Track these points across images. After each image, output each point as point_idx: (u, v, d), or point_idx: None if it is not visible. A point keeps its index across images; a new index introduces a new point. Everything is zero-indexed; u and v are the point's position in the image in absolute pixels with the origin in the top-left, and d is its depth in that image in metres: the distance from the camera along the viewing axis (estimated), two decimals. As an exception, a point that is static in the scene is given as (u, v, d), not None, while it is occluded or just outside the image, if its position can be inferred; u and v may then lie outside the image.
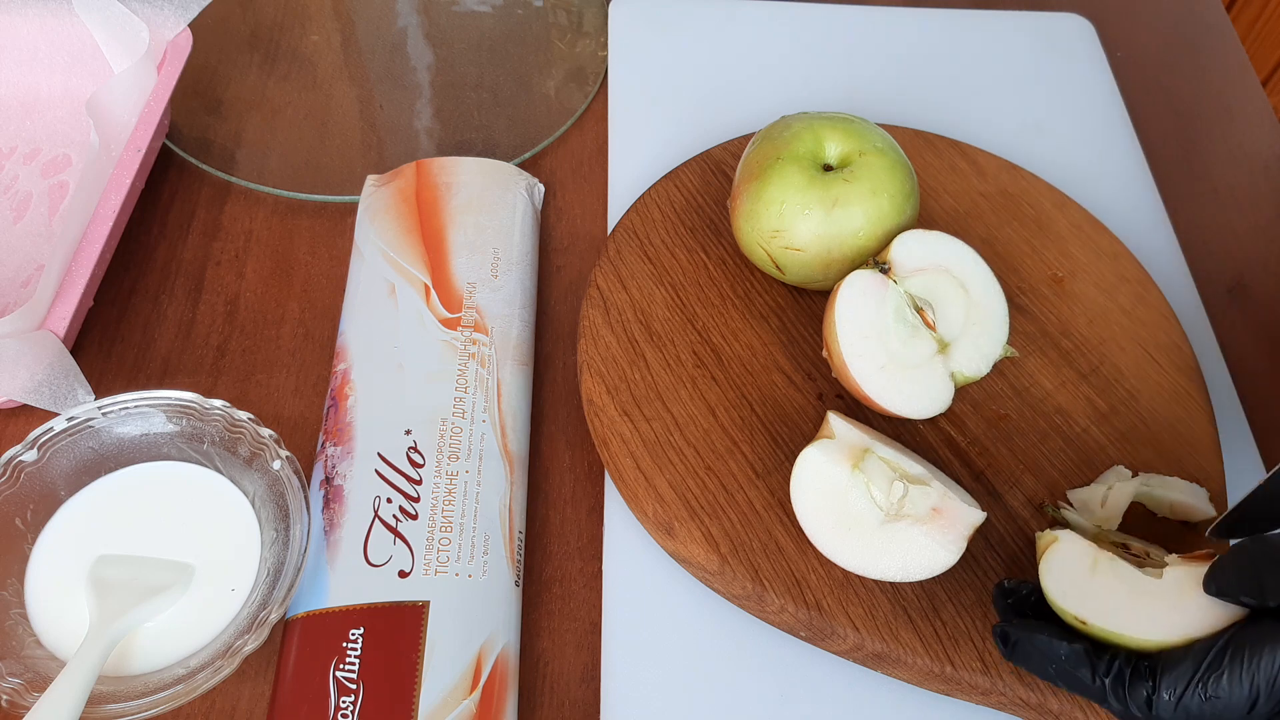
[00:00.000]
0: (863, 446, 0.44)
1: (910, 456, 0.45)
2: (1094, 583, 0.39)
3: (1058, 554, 0.40)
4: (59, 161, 0.59)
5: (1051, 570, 0.40)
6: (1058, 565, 0.40)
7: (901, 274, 0.48)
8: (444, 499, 0.45)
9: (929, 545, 0.42)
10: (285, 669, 0.41)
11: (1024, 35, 0.71)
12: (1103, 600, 0.38)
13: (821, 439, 0.44)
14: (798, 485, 0.43)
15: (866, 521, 0.42)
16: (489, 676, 0.41)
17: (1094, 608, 0.38)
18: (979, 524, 0.42)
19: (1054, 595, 0.39)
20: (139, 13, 0.57)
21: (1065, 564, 0.40)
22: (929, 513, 0.42)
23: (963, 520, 0.42)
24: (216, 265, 0.57)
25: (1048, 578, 0.40)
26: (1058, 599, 0.39)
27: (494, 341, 0.50)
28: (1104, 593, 0.38)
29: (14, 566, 0.43)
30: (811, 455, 0.43)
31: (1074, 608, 0.38)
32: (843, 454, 0.43)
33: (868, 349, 0.46)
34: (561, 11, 0.71)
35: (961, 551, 0.42)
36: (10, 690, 0.39)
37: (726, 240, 0.55)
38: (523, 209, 0.56)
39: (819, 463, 0.43)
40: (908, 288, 0.48)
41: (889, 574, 0.42)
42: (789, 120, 0.51)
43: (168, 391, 0.46)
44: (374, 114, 0.65)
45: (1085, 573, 0.39)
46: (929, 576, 0.42)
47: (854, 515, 0.43)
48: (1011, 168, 0.59)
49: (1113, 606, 0.38)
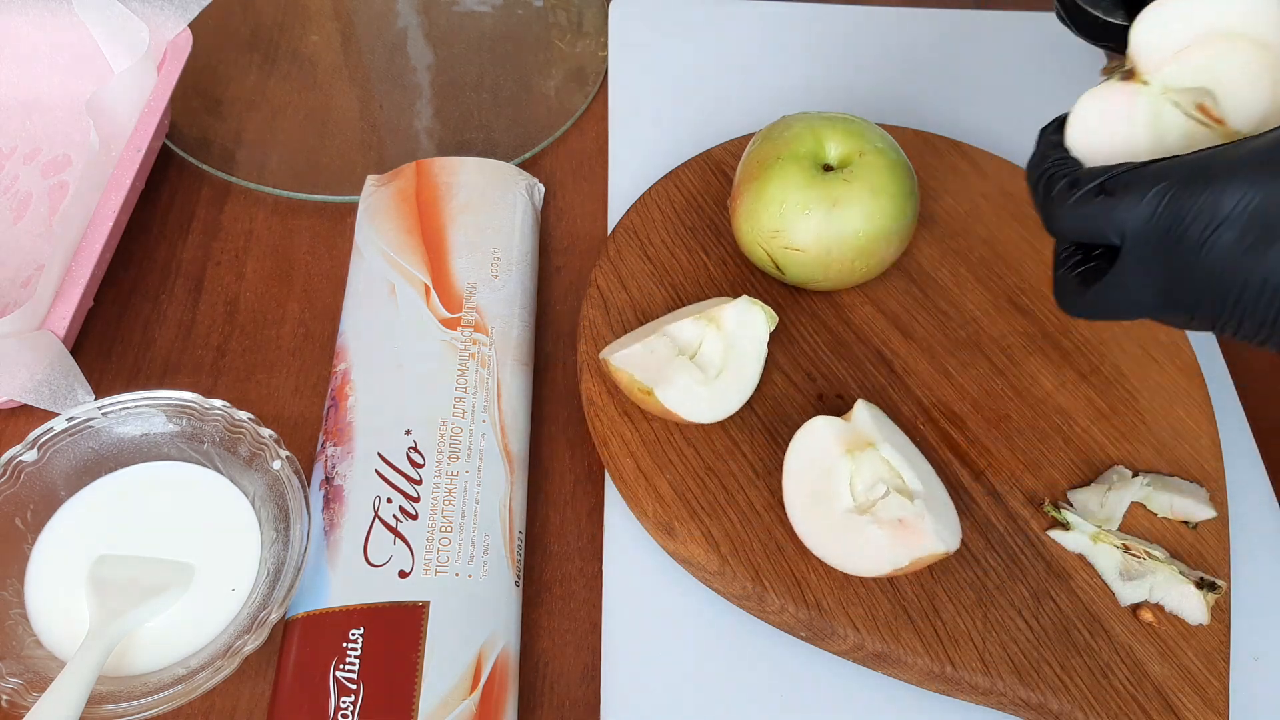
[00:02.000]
0: (869, 440, 0.44)
1: (920, 472, 0.44)
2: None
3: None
4: (59, 161, 0.59)
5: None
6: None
7: (1156, 69, 0.35)
8: (444, 499, 0.45)
9: (873, 550, 0.42)
10: (285, 669, 0.41)
11: (1024, 35, 0.71)
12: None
13: (836, 418, 0.45)
14: (793, 449, 0.44)
15: (835, 503, 0.43)
16: (489, 676, 0.41)
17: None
18: (938, 555, 0.41)
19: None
20: (139, 13, 0.57)
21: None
22: (894, 521, 0.42)
23: (919, 543, 0.41)
24: (216, 265, 0.57)
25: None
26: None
27: (494, 341, 0.50)
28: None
29: (14, 566, 0.43)
30: (816, 425, 0.44)
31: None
32: (847, 437, 0.44)
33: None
34: (561, 11, 0.71)
35: (898, 567, 0.41)
36: (10, 690, 0.39)
37: (726, 240, 0.55)
38: (523, 209, 0.56)
39: (820, 435, 0.44)
40: (1170, 80, 0.35)
41: (829, 557, 0.43)
42: (789, 120, 0.51)
43: (168, 391, 0.46)
44: (374, 114, 0.65)
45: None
46: (859, 574, 0.43)
47: (827, 493, 0.43)
48: (1011, 168, 0.59)
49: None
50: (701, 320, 0.47)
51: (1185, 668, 0.42)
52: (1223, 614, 0.44)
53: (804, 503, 0.44)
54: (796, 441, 0.44)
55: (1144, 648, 0.43)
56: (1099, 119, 0.36)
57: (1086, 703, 0.41)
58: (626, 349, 0.46)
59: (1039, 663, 0.42)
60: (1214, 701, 0.42)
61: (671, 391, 0.45)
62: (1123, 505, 0.46)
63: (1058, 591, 0.44)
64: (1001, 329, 0.52)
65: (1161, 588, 0.44)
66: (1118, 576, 0.44)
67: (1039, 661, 0.42)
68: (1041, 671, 0.42)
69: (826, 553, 0.43)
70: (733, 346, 0.47)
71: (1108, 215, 0.33)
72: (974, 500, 0.47)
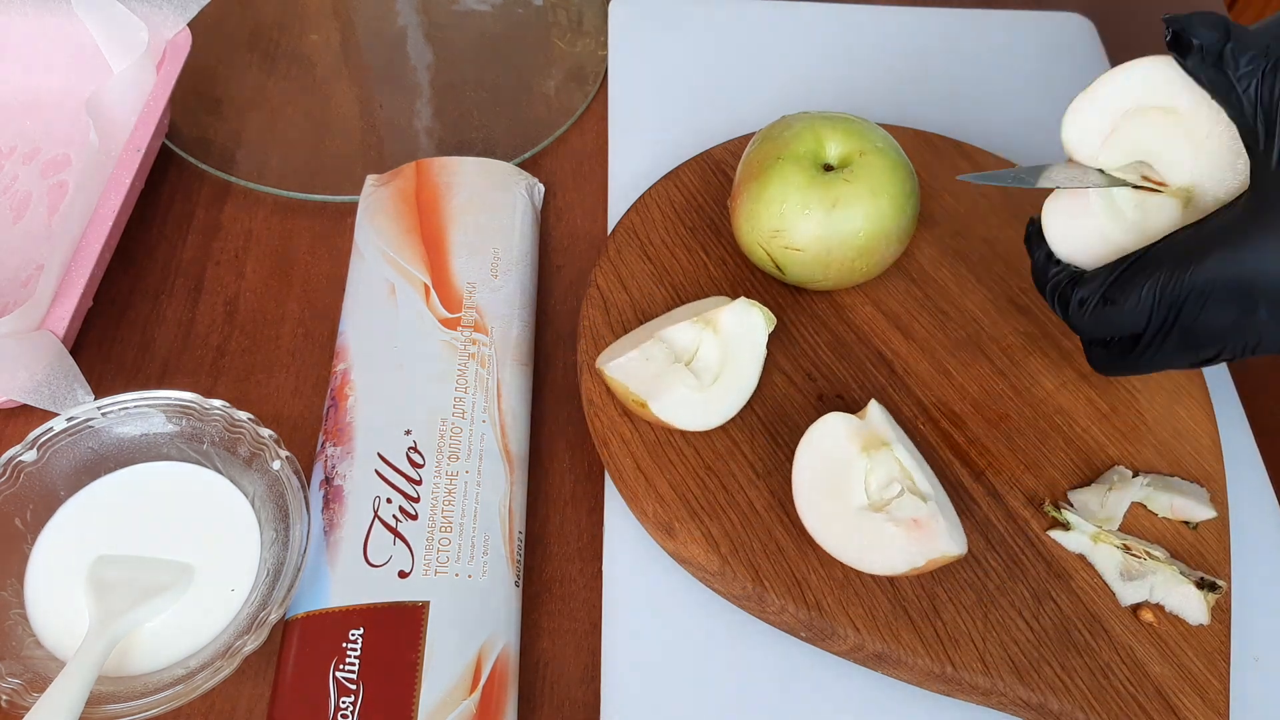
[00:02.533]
0: (883, 440, 0.44)
1: (928, 475, 0.44)
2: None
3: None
4: (59, 161, 0.59)
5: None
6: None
7: (1093, 159, 0.43)
8: (444, 499, 0.45)
9: (889, 546, 0.42)
10: (285, 669, 0.41)
11: (1024, 35, 0.71)
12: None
13: (852, 415, 0.45)
14: (806, 443, 0.44)
15: (850, 501, 0.43)
16: (489, 677, 0.41)
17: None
18: (951, 557, 0.42)
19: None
20: (138, 12, 0.57)
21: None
22: (909, 521, 0.42)
23: (934, 544, 0.42)
24: (216, 265, 0.57)
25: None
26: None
27: (494, 341, 0.50)
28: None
29: (14, 566, 0.43)
30: (833, 421, 0.44)
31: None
32: (862, 435, 0.44)
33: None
34: (561, 11, 0.71)
35: (914, 567, 0.41)
36: (10, 690, 0.39)
37: (726, 240, 0.55)
38: (523, 209, 0.56)
39: (836, 430, 0.44)
40: (1108, 164, 0.43)
41: (843, 554, 0.43)
42: (789, 120, 0.51)
43: (167, 391, 0.46)
44: (374, 114, 0.65)
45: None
46: (874, 572, 0.43)
47: (841, 490, 0.43)
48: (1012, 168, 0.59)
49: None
50: (699, 323, 0.47)
51: (1186, 668, 0.42)
52: (1223, 614, 0.44)
53: (816, 498, 0.43)
54: (811, 436, 0.44)
55: (1144, 648, 0.43)
56: (1066, 225, 0.43)
57: (1087, 703, 0.41)
58: (622, 357, 0.46)
59: (1039, 663, 0.42)
60: (1214, 702, 0.42)
61: (666, 403, 0.45)
62: (1123, 505, 0.46)
63: (1058, 592, 0.44)
64: (1001, 329, 0.52)
65: (1162, 588, 0.44)
66: (1118, 577, 0.44)
67: (1039, 661, 0.42)
68: (1041, 671, 0.42)
69: (839, 548, 0.43)
70: (730, 350, 0.47)
71: (1119, 320, 0.41)
72: (974, 500, 0.47)
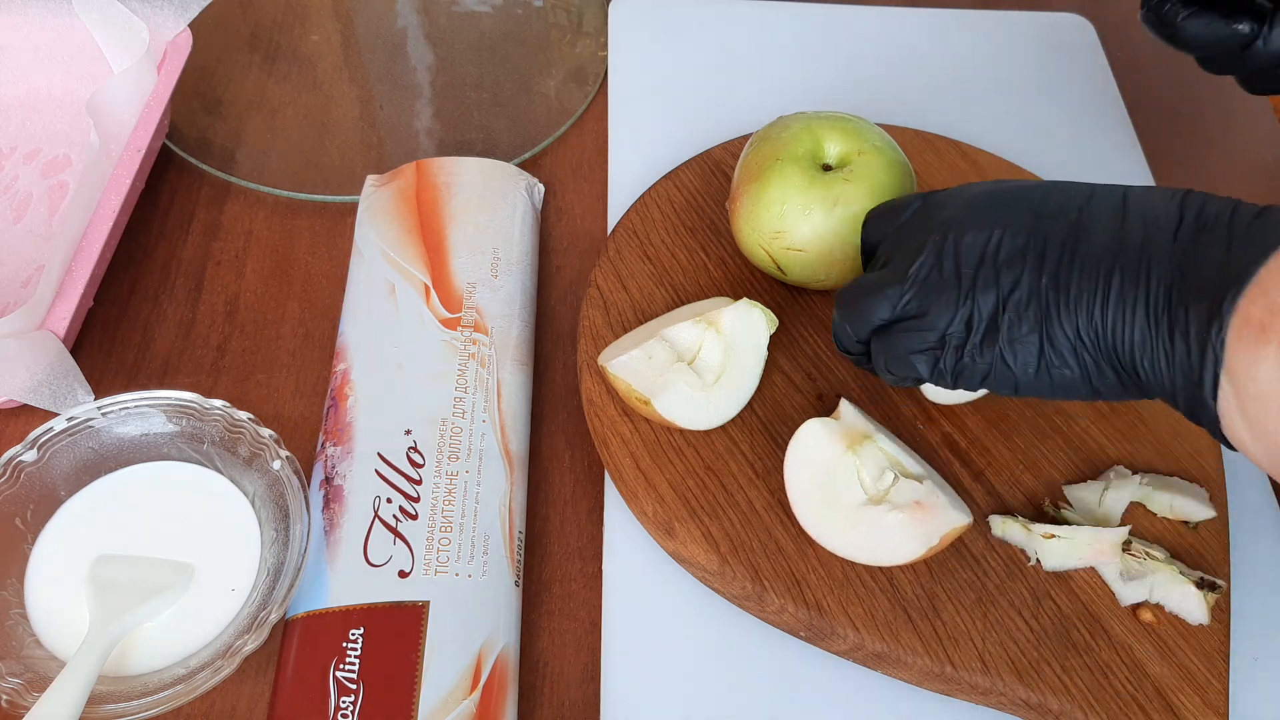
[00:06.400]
0: (864, 433, 0.44)
1: (913, 457, 0.45)
2: None
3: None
4: (59, 161, 0.59)
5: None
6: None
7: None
8: (444, 499, 0.45)
9: (901, 534, 0.42)
10: (285, 669, 0.41)
11: (1024, 35, 0.71)
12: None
13: (828, 418, 0.45)
14: (792, 454, 0.44)
15: (848, 500, 0.43)
16: (489, 676, 0.41)
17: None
18: (962, 528, 0.42)
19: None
20: (139, 13, 0.57)
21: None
22: (911, 504, 0.42)
23: (943, 519, 0.42)
24: (216, 265, 0.57)
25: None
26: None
27: (494, 341, 0.50)
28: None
29: (14, 566, 0.43)
30: (811, 427, 0.44)
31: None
32: (842, 435, 0.44)
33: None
34: (561, 11, 0.71)
35: (930, 546, 0.42)
36: (10, 690, 0.39)
37: (726, 240, 0.55)
38: (523, 209, 0.56)
39: (817, 435, 0.44)
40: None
41: (857, 554, 0.43)
42: (787, 120, 0.51)
43: (168, 391, 0.46)
44: (374, 114, 0.65)
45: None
46: (893, 564, 0.43)
47: (838, 492, 0.43)
48: (1011, 168, 0.59)
49: None
50: (701, 323, 0.47)
51: (1185, 668, 0.42)
52: (1223, 614, 0.44)
53: (814, 506, 0.43)
54: (795, 447, 0.44)
55: (1144, 648, 0.43)
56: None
57: (1086, 703, 0.41)
58: (625, 355, 0.46)
59: (1039, 663, 0.42)
60: (1214, 702, 0.42)
61: (669, 401, 0.45)
62: (1121, 504, 0.46)
63: (1057, 591, 0.44)
64: (1001, 329, 0.52)
65: (1162, 588, 0.44)
66: (1118, 576, 0.44)
67: (1039, 661, 0.42)
68: (1041, 671, 0.42)
69: (850, 549, 0.43)
70: (732, 350, 0.47)
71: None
72: (974, 500, 0.47)
